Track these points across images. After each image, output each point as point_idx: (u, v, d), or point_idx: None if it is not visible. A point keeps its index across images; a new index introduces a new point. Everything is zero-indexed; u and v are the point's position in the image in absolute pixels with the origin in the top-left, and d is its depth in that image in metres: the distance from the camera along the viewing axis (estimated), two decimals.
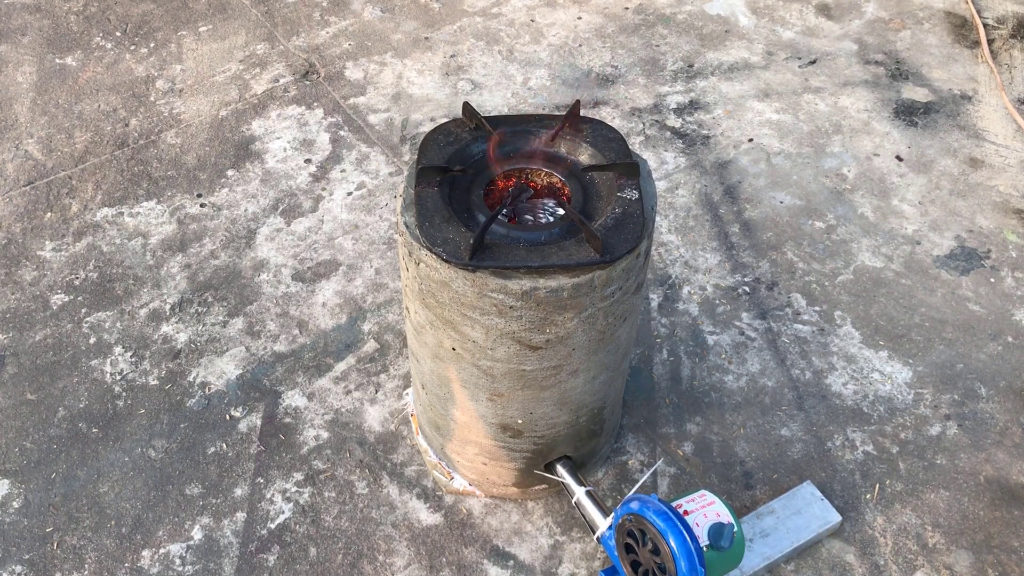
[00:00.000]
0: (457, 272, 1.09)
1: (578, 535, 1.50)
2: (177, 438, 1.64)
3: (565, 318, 1.13)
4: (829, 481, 1.58)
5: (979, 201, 2.11)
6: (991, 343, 1.81)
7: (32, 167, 2.17)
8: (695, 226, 2.04)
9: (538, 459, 1.43)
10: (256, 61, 2.50)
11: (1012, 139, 2.27)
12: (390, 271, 1.93)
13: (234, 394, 1.70)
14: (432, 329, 1.23)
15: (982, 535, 1.52)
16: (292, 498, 1.55)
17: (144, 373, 1.74)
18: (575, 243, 1.10)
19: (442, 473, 1.55)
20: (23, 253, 1.97)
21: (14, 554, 1.48)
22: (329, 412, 1.68)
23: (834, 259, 1.97)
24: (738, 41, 2.60)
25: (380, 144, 2.24)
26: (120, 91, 2.40)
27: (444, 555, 1.48)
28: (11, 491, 1.56)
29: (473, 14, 2.68)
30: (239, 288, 1.90)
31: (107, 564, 1.47)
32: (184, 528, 1.51)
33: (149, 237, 2.00)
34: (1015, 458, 1.62)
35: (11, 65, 2.48)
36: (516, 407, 1.30)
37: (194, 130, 2.28)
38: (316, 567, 1.46)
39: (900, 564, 1.48)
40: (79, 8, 2.69)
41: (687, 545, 1.15)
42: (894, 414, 1.68)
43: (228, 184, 2.13)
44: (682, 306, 1.87)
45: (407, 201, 1.18)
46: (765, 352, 1.78)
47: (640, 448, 1.63)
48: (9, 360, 1.76)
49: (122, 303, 1.87)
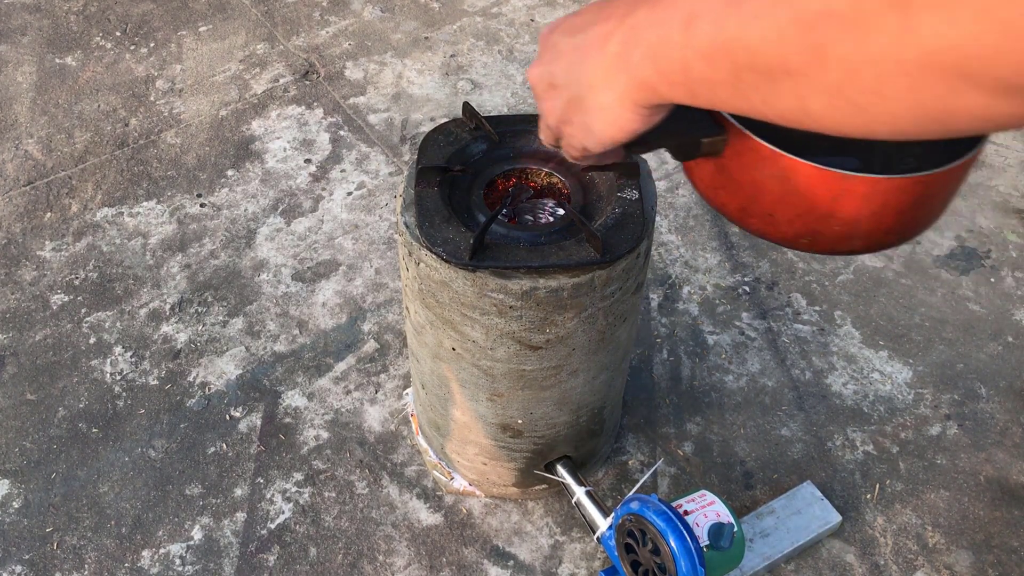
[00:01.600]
0: (457, 272, 1.09)
1: (578, 535, 1.50)
2: (177, 438, 1.64)
3: (565, 318, 1.13)
4: (829, 481, 1.58)
5: (979, 201, 2.11)
6: (991, 343, 1.81)
7: (32, 167, 2.17)
8: (695, 226, 2.04)
9: (538, 459, 1.43)
10: (256, 61, 2.50)
11: (1012, 139, 2.27)
12: (390, 271, 1.93)
13: (234, 394, 1.70)
14: (432, 329, 1.23)
15: (982, 535, 1.52)
16: (292, 498, 1.55)
17: (144, 373, 1.74)
18: (575, 243, 1.10)
19: (442, 473, 1.55)
20: (23, 253, 1.97)
21: (14, 554, 1.48)
22: (329, 412, 1.68)
23: (834, 259, 1.97)
24: None
25: (380, 144, 2.24)
26: (120, 91, 2.40)
27: (444, 555, 1.48)
28: (11, 491, 1.56)
29: (473, 14, 2.68)
30: (239, 288, 1.90)
31: (107, 564, 1.47)
32: (184, 528, 1.51)
33: (149, 237, 2.00)
34: (1015, 458, 1.62)
35: (11, 65, 2.48)
36: (516, 407, 1.30)
37: (194, 130, 2.28)
38: (316, 567, 1.46)
39: (900, 564, 1.48)
40: (79, 8, 2.69)
41: (687, 545, 1.15)
42: (894, 414, 1.69)
43: (228, 184, 2.13)
44: (682, 306, 1.87)
45: (407, 201, 1.18)
46: (765, 352, 1.78)
47: (640, 448, 1.63)
48: (9, 360, 1.76)
49: (122, 303, 1.87)
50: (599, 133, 0.65)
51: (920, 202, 0.80)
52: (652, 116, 0.62)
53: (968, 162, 0.79)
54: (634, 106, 0.61)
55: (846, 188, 0.77)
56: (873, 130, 0.49)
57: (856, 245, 0.84)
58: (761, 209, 0.82)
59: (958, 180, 0.83)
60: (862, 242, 0.83)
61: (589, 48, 0.61)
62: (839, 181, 0.75)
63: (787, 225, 0.82)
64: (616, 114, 0.62)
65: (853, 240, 0.82)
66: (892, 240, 0.84)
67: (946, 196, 0.83)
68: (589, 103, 0.63)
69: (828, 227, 0.81)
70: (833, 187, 0.77)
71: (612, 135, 0.65)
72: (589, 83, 0.62)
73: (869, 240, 0.83)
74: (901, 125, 0.47)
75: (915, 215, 0.81)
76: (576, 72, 0.63)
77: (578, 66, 0.63)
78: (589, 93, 0.63)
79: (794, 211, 0.80)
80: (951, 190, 0.83)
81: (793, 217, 0.81)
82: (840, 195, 0.77)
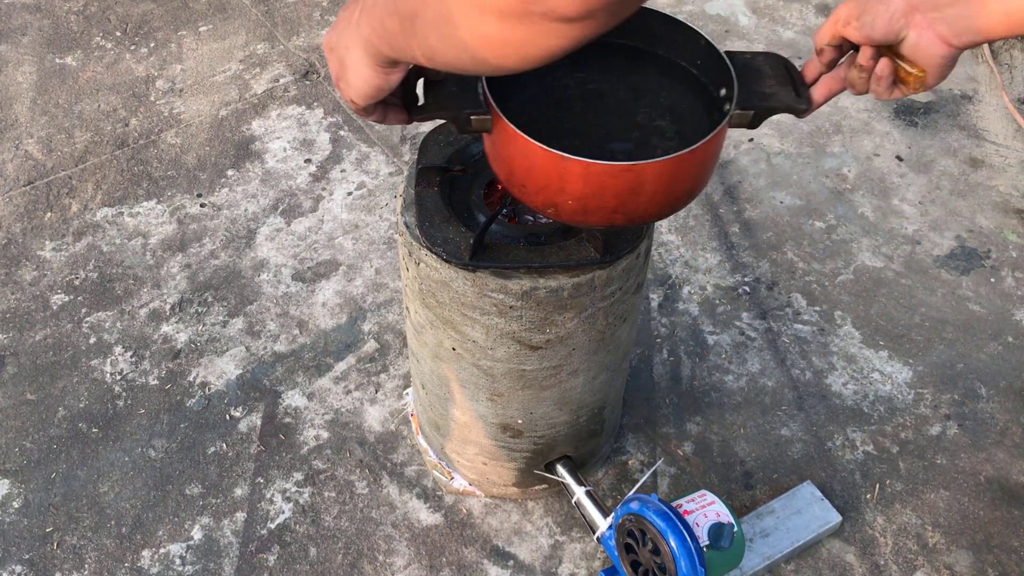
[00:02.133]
0: (457, 272, 1.10)
1: (578, 535, 1.50)
2: (177, 438, 1.64)
3: (565, 318, 1.13)
4: (829, 481, 1.58)
5: (979, 201, 2.11)
6: (991, 343, 1.81)
7: (32, 167, 2.17)
8: (695, 226, 2.04)
9: (538, 459, 1.43)
10: (256, 61, 2.50)
11: (1012, 139, 2.27)
12: (390, 271, 1.93)
13: (234, 394, 1.70)
14: (432, 329, 1.23)
15: (982, 535, 1.52)
16: (292, 498, 1.55)
17: (144, 373, 1.74)
18: (575, 243, 1.10)
19: (442, 473, 1.55)
20: (23, 253, 1.97)
21: (14, 554, 1.48)
22: (329, 412, 1.68)
23: (834, 259, 1.97)
24: (738, 41, 2.60)
25: (380, 144, 2.24)
26: (120, 91, 2.40)
27: (444, 555, 1.48)
28: (11, 491, 1.56)
29: None
30: (239, 288, 1.90)
31: (107, 564, 1.47)
32: (184, 528, 1.51)
33: (149, 237, 2.00)
34: (1015, 458, 1.62)
35: (11, 65, 2.48)
36: (516, 407, 1.30)
37: (194, 130, 2.28)
38: (316, 567, 1.46)
39: (900, 564, 1.48)
40: (79, 8, 2.69)
41: (687, 545, 1.16)
42: (894, 414, 1.69)
43: (228, 184, 2.13)
44: (682, 306, 1.87)
45: (407, 201, 1.18)
46: (765, 352, 1.78)
47: (640, 448, 1.63)
48: (9, 360, 1.76)
49: (122, 303, 1.87)
50: (355, 86, 0.79)
51: (634, 188, 0.91)
52: (389, 74, 0.77)
53: (677, 159, 0.89)
54: (370, 61, 0.76)
55: (567, 168, 0.89)
56: (468, 64, 0.63)
57: (591, 220, 0.95)
58: (518, 180, 0.96)
59: (671, 174, 0.92)
60: (595, 218, 0.95)
61: (348, 18, 0.77)
62: (560, 161, 0.88)
63: (535, 196, 0.95)
64: (360, 70, 0.77)
65: (588, 215, 0.94)
66: (620, 219, 0.94)
67: (662, 187, 0.92)
68: (348, 61, 0.78)
69: (563, 201, 0.93)
70: (558, 166, 0.89)
71: (362, 88, 0.79)
72: (346, 45, 0.77)
73: (600, 216, 0.94)
74: (483, 54, 0.59)
75: (636, 199, 0.92)
76: (342, 37, 0.78)
77: (343, 32, 0.78)
78: (347, 53, 0.78)
79: (537, 185, 0.93)
80: (667, 183, 0.92)
81: (538, 190, 0.94)
82: (564, 173, 0.90)
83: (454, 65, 0.64)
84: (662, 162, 0.88)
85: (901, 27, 0.80)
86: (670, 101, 1.03)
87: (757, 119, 0.95)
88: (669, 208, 0.97)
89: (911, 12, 0.79)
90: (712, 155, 0.95)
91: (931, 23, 0.78)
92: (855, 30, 0.83)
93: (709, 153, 0.93)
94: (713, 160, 0.96)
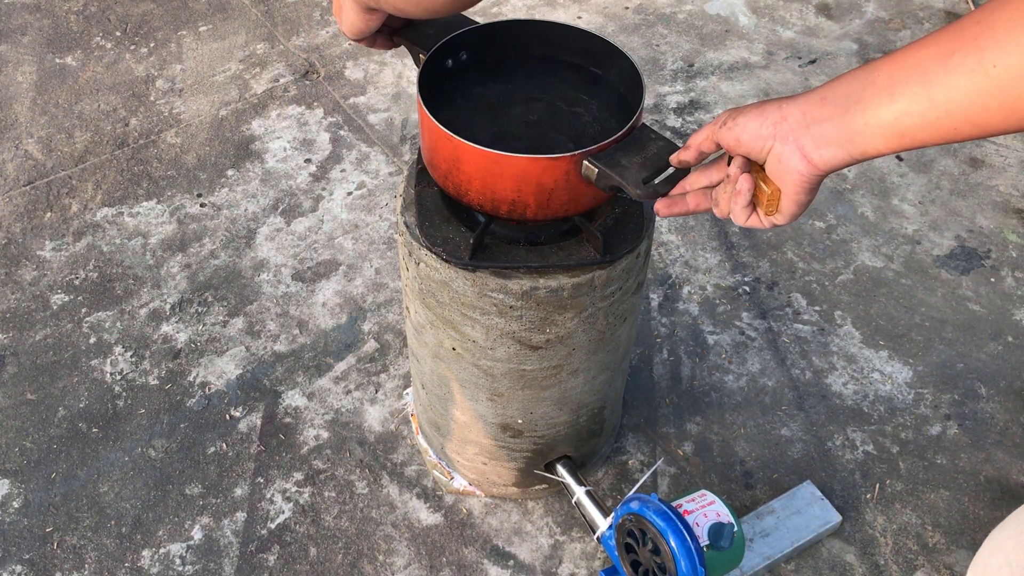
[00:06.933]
0: (457, 272, 1.10)
1: (578, 535, 1.50)
2: (177, 438, 1.64)
3: (565, 318, 1.13)
4: (829, 481, 1.58)
5: (979, 201, 2.11)
6: (991, 343, 1.81)
7: (32, 167, 2.17)
8: (695, 226, 2.04)
9: (538, 459, 1.43)
10: (256, 61, 2.50)
11: (1012, 139, 2.27)
12: (390, 271, 1.93)
13: (234, 394, 1.70)
14: (432, 329, 1.23)
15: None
16: (292, 498, 1.55)
17: (144, 373, 1.74)
18: (575, 243, 1.11)
19: (442, 473, 1.56)
20: (23, 253, 1.97)
21: (14, 554, 1.48)
22: (329, 412, 1.68)
23: (834, 259, 1.97)
24: (738, 41, 2.60)
25: (380, 144, 2.24)
26: (120, 91, 2.40)
27: (444, 555, 1.48)
28: (11, 491, 1.56)
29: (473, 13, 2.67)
30: (239, 288, 1.90)
31: (107, 564, 1.47)
32: (184, 528, 1.51)
33: (149, 237, 2.00)
34: (1015, 458, 1.62)
35: (11, 65, 2.48)
36: (516, 407, 1.30)
37: (194, 130, 2.28)
38: (316, 567, 1.46)
39: (900, 564, 1.48)
40: (79, 8, 2.69)
41: (687, 545, 1.16)
42: (894, 414, 1.69)
43: (228, 184, 2.13)
44: (682, 306, 1.87)
45: (407, 201, 1.18)
46: (765, 352, 1.78)
47: (640, 448, 1.63)
48: (9, 360, 1.76)
49: (122, 303, 1.87)
50: (346, 23, 1.01)
51: (524, 178, 0.96)
52: (368, 18, 0.98)
53: (562, 160, 0.93)
54: (356, 7, 0.97)
55: (459, 149, 0.96)
56: (414, 11, 0.87)
57: (501, 210, 1.01)
58: (431, 161, 1.06)
59: (561, 173, 0.95)
60: (506, 208, 1.01)
61: None
62: (450, 140, 0.97)
63: (444, 180, 1.04)
64: (349, 13, 0.98)
65: (498, 205, 1.01)
66: (530, 211, 1.00)
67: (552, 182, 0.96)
68: (344, 4, 0.99)
69: (459, 177, 1.01)
70: (450, 146, 0.98)
71: (349, 26, 1.01)
72: None
73: (513, 206, 1.00)
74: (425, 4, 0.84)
75: (529, 190, 0.97)
76: None
77: None
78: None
79: (442, 168, 1.03)
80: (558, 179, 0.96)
81: (444, 174, 1.03)
82: (459, 156, 0.98)
83: (409, 11, 0.88)
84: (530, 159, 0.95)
85: (769, 135, 0.75)
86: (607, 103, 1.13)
87: (600, 180, 0.95)
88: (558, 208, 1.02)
89: (781, 121, 0.74)
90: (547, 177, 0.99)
91: (796, 135, 0.73)
92: (728, 130, 0.79)
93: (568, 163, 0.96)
94: None
